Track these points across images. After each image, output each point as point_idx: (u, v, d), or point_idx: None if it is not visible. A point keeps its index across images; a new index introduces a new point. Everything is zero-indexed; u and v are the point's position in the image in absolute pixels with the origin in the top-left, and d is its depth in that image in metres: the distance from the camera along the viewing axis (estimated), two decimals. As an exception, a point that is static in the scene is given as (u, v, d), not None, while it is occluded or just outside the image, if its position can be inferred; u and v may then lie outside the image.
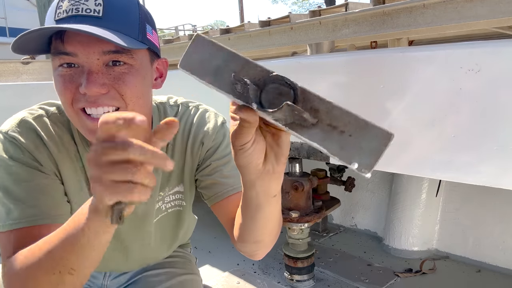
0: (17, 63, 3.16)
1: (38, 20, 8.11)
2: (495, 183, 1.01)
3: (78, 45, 0.69)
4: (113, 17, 0.70)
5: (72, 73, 0.71)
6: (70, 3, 0.69)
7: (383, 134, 0.42)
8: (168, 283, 1.09)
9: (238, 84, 0.47)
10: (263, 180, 0.60)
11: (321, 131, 0.44)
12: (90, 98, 0.70)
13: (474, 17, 1.08)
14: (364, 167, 0.42)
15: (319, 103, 0.45)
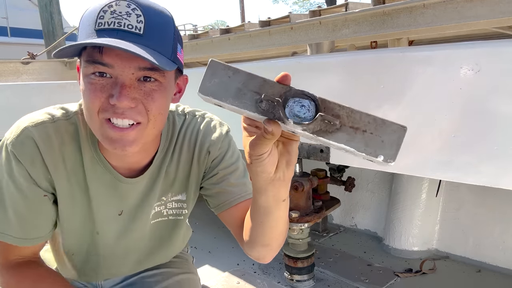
0: (17, 63, 3.16)
1: (39, 20, 8.12)
2: (495, 183, 1.01)
3: (116, 58, 0.70)
4: (152, 36, 0.72)
5: (104, 83, 0.72)
6: (113, 16, 0.70)
7: (399, 128, 0.49)
8: (165, 283, 1.09)
9: (262, 102, 0.51)
10: (274, 186, 0.64)
11: (345, 134, 0.50)
12: (119, 109, 0.71)
13: (474, 17, 1.08)
14: (389, 158, 0.49)
15: (339, 110, 0.50)
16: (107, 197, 0.91)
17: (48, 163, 0.83)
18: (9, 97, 2.45)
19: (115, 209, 0.93)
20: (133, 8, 0.70)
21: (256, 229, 0.80)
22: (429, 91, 1.08)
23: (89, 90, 0.72)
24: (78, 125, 0.85)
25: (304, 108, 0.50)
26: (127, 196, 0.92)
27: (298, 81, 1.45)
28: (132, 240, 1.01)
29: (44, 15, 8.01)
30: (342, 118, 0.50)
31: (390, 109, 1.18)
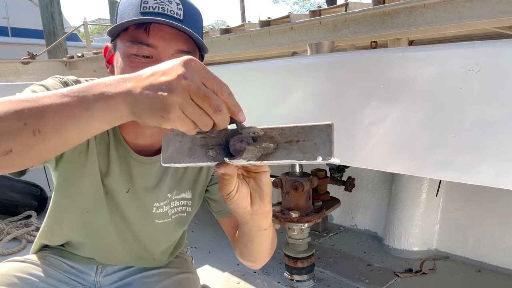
0: (17, 63, 3.16)
1: (40, 19, 8.12)
2: (495, 183, 1.00)
3: (161, 40, 0.76)
4: (189, 22, 0.79)
5: (145, 62, 0.76)
6: (157, 1, 0.76)
7: (325, 127, 0.52)
8: (165, 283, 1.09)
9: (209, 151, 0.58)
10: (253, 219, 0.69)
11: (283, 150, 0.55)
12: None
13: (474, 17, 1.08)
14: (326, 156, 0.52)
15: (271, 132, 0.56)
16: (119, 169, 0.94)
17: None
18: (9, 97, 2.44)
19: (124, 185, 0.96)
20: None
21: (242, 248, 0.90)
22: (429, 91, 1.08)
23: (130, 67, 0.76)
24: None
25: (244, 142, 0.56)
26: (135, 175, 0.95)
27: (298, 81, 1.46)
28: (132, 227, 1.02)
29: (45, 15, 8.03)
30: (276, 138, 0.55)
31: (390, 109, 1.18)
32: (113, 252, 1.08)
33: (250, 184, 0.65)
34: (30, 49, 3.38)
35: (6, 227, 2.53)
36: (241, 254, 0.93)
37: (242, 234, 0.83)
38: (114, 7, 15.64)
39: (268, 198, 0.67)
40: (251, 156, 0.55)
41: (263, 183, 0.65)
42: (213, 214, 1.08)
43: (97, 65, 3.04)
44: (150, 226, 1.03)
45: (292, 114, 1.46)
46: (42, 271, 1.03)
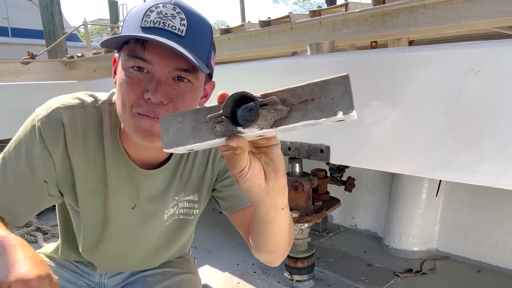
0: (17, 63, 3.16)
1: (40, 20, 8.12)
2: (495, 183, 1.00)
3: (157, 56, 0.73)
4: (191, 39, 0.75)
5: (141, 77, 0.75)
6: (159, 16, 0.74)
7: (341, 78, 0.49)
8: (167, 283, 1.10)
9: (216, 126, 0.53)
10: (269, 196, 0.65)
11: (298, 111, 0.50)
12: (151, 106, 0.74)
13: (474, 17, 1.08)
14: (348, 109, 0.48)
15: (282, 94, 0.51)
16: (122, 188, 0.93)
17: (70, 146, 0.86)
18: (9, 97, 2.45)
19: (129, 202, 0.95)
20: (178, 12, 0.75)
21: (259, 237, 0.84)
22: (429, 91, 1.08)
23: (126, 83, 0.75)
24: (103, 114, 0.89)
25: (252, 111, 0.51)
26: (141, 189, 0.94)
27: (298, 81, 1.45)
28: (141, 237, 1.02)
29: (45, 15, 8.03)
30: (288, 100, 0.51)
31: (390, 109, 1.18)
32: (120, 263, 1.09)
33: (261, 159, 0.62)
34: (30, 50, 3.38)
35: (6, 227, 2.53)
36: (258, 245, 0.87)
37: (258, 220, 0.78)
38: (114, 7, 15.67)
39: (283, 171, 0.64)
40: (264, 123, 0.51)
41: (276, 156, 0.62)
42: (213, 213, 1.08)
43: (97, 65, 3.04)
44: (160, 231, 1.04)
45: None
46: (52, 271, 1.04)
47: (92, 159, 0.89)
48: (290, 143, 1.48)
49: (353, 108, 0.48)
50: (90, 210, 0.94)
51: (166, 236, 1.07)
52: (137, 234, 1.01)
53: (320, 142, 1.37)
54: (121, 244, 1.02)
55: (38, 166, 0.85)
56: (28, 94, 2.50)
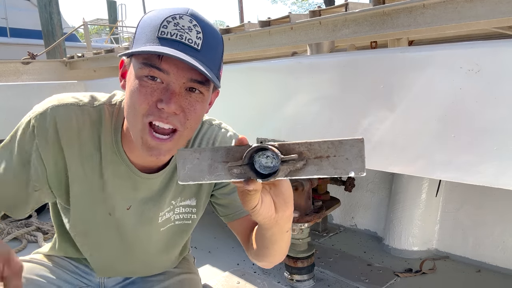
0: (17, 63, 3.16)
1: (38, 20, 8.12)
2: (495, 183, 1.01)
3: (173, 67, 0.73)
4: (206, 53, 0.76)
5: (155, 87, 0.75)
6: (176, 28, 0.74)
7: (356, 142, 0.53)
8: (167, 283, 1.10)
9: (233, 169, 0.58)
10: (278, 224, 0.70)
11: (313, 165, 0.55)
12: (164, 114, 0.75)
13: (474, 17, 1.08)
14: (359, 171, 0.53)
15: (299, 147, 0.56)
16: (119, 187, 0.93)
17: (64, 144, 0.86)
18: (9, 97, 2.45)
19: (125, 202, 0.95)
20: (194, 24, 0.75)
21: (261, 251, 0.89)
22: (429, 91, 1.09)
23: (140, 91, 0.75)
24: (102, 115, 0.89)
25: (269, 158, 0.57)
26: (139, 191, 0.94)
27: (298, 81, 1.46)
28: (135, 241, 1.01)
29: (44, 16, 8.02)
30: (304, 154, 0.56)
31: (390, 109, 1.18)
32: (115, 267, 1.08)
33: (271, 192, 0.65)
34: (29, 50, 3.37)
35: (7, 227, 2.53)
36: (258, 256, 0.91)
37: (263, 238, 0.83)
38: (112, 7, 15.67)
39: (291, 201, 0.68)
40: (281, 174, 0.56)
41: (285, 188, 0.65)
42: (213, 213, 1.07)
43: (97, 65, 3.04)
44: (155, 236, 1.03)
45: (292, 114, 1.46)
46: (50, 272, 1.04)
47: (87, 159, 0.89)
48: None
49: (364, 171, 0.53)
50: (83, 209, 0.94)
51: (162, 242, 1.06)
52: (131, 236, 1.00)
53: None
54: (114, 247, 1.01)
55: (26, 162, 0.86)
56: (28, 94, 2.50)
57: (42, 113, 0.85)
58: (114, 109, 0.90)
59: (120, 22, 14.73)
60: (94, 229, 0.97)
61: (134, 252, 1.04)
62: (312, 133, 1.40)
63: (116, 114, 0.90)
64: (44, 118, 0.85)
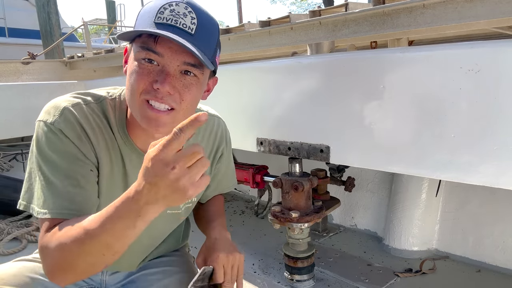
0: (17, 63, 3.16)
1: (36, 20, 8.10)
2: (495, 183, 1.01)
3: (167, 50, 0.80)
4: (200, 37, 0.82)
5: (151, 69, 0.81)
6: (172, 14, 0.80)
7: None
8: (166, 281, 1.11)
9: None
10: None
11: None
12: (159, 94, 0.81)
13: (474, 17, 1.08)
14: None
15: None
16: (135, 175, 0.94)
17: (91, 136, 0.89)
18: (9, 97, 2.44)
19: None
20: (189, 11, 0.81)
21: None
22: (429, 91, 1.09)
23: (137, 72, 0.81)
24: (106, 109, 0.93)
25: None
26: None
27: (298, 81, 1.45)
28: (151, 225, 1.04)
29: (42, 15, 8.00)
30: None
31: (390, 109, 1.18)
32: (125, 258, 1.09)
33: None
34: (27, 50, 3.38)
35: (7, 227, 2.52)
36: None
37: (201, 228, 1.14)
38: (111, 7, 15.64)
39: None
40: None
41: None
42: None
43: (97, 65, 3.04)
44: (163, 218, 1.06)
45: (292, 114, 1.46)
46: None
47: (112, 151, 0.93)
48: (290, 143, 1.48)
49: None
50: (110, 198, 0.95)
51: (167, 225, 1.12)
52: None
53: (320, 142, 1.37)
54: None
55: (76, 162, 0.87)
56: (28, 94, 2.50)
57: (61, 116, 0.86)
58: (115, 103, 0.95)
59: (119, 22, 14.72)
60: None
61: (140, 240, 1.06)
62: (312, 133, 1.40)
63: (118, 107, 0.95)
64: (66, 119, 0.86)
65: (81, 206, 0.86)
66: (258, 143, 1.61)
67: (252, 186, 2.07)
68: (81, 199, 0.86)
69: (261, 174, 2.05)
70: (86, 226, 0.75)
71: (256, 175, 2.05)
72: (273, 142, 1.55)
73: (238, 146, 1.65)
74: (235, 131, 1.21)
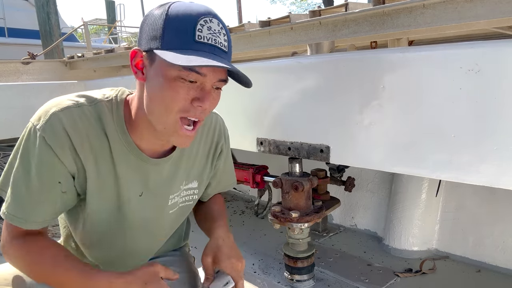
0: (17, 63, 3.16)
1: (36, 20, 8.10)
2: (495, 183, 1.01)
3: (210, 70, 0.82)
4: (230, 53, 0.88)
5: (191, 86, 0.83)
6: (210, 32, 0.81)
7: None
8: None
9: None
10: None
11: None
12: (198, 111, 0.85)
13: (474, 17, 1.08)
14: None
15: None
16: (131, 177, 0.97)
17: (77, 145, 0.88)
18: (9, 97, 2.44)
19: (137, 189, 0.99)
20: (221, 27, 0.84)
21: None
22: (429, 91, 1.09)
23: (176, 91, 0.82)
24: (102, 111, 0.92)
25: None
26: (149, 177, 0.99)
27: (298, 81, 1.45)
28: (148, 225, 1.06)
29: (41, 15, 7.99)
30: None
31: (390, 109, 1.18)
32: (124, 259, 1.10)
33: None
34: (27, 50, 3.38)
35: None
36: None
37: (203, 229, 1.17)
38: (111, 7, 15.63)
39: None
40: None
41: None
42: None
43: (97, 65, 3.04)
44: (164, 219, 1.08)
45: (292, 114, 1.46)
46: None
47: (99, 153, 0.92)
48: (290, 143, 1.48)
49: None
50: (101, 204, 0.96)
51: (168, 225, 1.12)
52: (145, 222, 1.04)
53: (320, 142, 1.37)
54: (130, 236, 1.04)
55: (50, 172, 0.87)
56: (28, 94, 2.50)
57: (47, 122, 0.86)
58: (112, 104, 0.93)
59: (118, 22, 14.71)
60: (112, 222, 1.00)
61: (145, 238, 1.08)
62: (312, 133, 1.40)
63: (115, 108, 0.93)
64: (51, 126, 0.85)
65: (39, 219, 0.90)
66: (258, 143, 1.61)
67: (252, 186, 2.07)
68: (40, 210, 0.89)
69: (261, 174, 2.05)
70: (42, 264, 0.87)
71: (256, 175, 2.05)
72: (273, 142, 1.55)
73: (238, 146, 1.65)
74: (235, 131, 1.21)
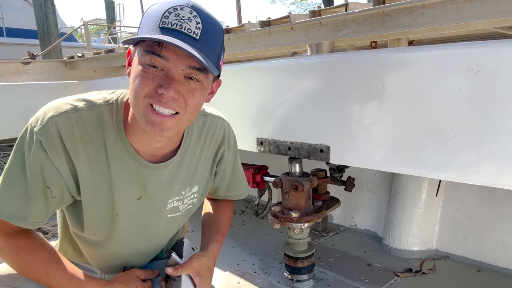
0: (17, 63, 3.17)
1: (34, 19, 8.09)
2: (495, 183, 1.01)
3: (172, 54, 0.79)
4: (204, 42, 0.81)
5: (156, 73, 0.81)
6: (177, 18, 0.79)
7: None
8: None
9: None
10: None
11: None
12: (164, 99, 0.81)
13: (474, 17, 1.08)
14: None
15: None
16: (128, 181, 0.96)
17: (70, 150, 0.88)
18: (9, 97, 2.45)
19: (135, 193, 0.99)
20: (194, 15, 0.81)
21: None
22: (429, 91, 1.09)
23: (141, 77, 0.81)
24: (102, 115, 0.92)
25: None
26: (147, 182, 0.98)
27: (298, 81, 1.45)
28: (146, 229, 1.06)
29: (39, 15, 7.99)
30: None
31: (390, 109, 1.18)
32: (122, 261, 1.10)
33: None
34: (25, 49, 3.38)
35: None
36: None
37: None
38: (110, 7, 15.64)
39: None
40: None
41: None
42: None
43: (97, 65, 3.04)
44: (162, 223, 1.08)
45: (292, 114, 1.46)
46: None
47: (94, 159, 0.91)
48: (290, 143, 1.48)
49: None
50: (96, 208, 0.96)
51: (168, 226, 1.12)
52: (143, 226, 1.04)
53: (320, 142, 1.38)
54: (127, 239, 1.04)
55: (43, 175, 0.88)
56: (28, 94, 2.50)
57: (44, 126, 0.87)
58: (112, 108, 0.93)
59: (118, 22, 14.71)
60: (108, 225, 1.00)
61: (143, 241, 1.08)
62: (312, 133, 1.40)
63: (115, 112, 0.93)
64: (48, 130, 0.86)
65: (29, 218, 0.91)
66: (258, 143, 1.61)
67: (252, 186, 2.07)
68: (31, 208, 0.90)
69: (261, 174, 2.05)
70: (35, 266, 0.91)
71: (256, 175, 2.05)
72: (273, 142, 1.55)
73: (238, 146, 1.65)
74: (235, 131, 1.21)
